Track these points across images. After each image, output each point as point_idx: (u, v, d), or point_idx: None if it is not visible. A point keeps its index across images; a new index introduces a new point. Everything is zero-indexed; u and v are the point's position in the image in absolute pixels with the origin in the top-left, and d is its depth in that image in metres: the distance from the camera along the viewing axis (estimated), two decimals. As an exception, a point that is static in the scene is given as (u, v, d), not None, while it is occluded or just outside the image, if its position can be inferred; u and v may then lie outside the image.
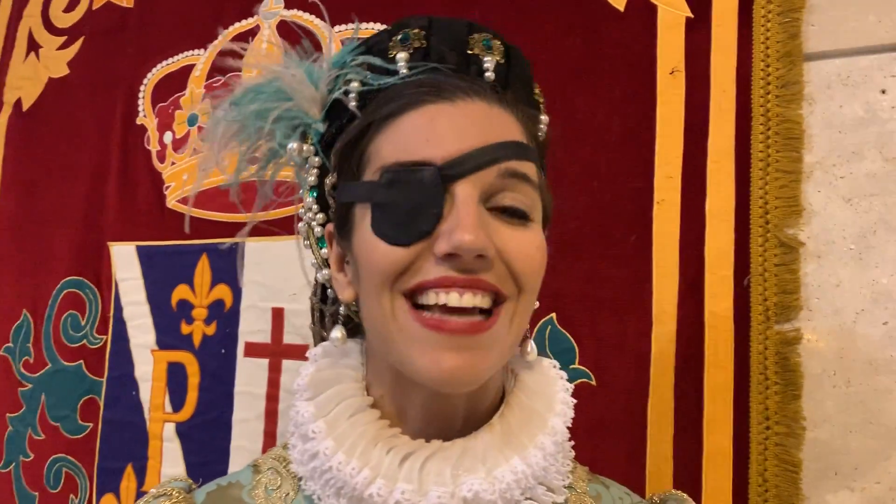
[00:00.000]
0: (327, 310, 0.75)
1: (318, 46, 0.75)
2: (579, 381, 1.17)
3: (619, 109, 1.21)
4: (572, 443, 0.72)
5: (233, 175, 0.75)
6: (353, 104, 0.67)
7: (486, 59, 0.68)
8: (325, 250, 0.71)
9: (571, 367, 1.18)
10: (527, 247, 0.63)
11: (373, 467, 0.61)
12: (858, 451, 1.05)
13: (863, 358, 1.07)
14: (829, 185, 1.11)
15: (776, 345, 1.07)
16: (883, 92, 1.10)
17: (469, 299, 0.59)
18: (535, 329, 1.20)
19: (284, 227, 0.87)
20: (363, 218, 0.64)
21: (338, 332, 0.69)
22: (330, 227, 0.71)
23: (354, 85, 0.68)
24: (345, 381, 0.68)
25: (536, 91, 0.75)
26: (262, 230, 1.44)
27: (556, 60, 1.26)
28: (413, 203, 0.60)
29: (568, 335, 1.19)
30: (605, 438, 1.14)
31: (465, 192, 0.60)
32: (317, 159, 0.70)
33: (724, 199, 1.13)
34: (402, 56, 0.67)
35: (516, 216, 0.63)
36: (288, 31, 1.51)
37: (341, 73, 0.69)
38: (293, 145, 0.70)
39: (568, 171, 1.22)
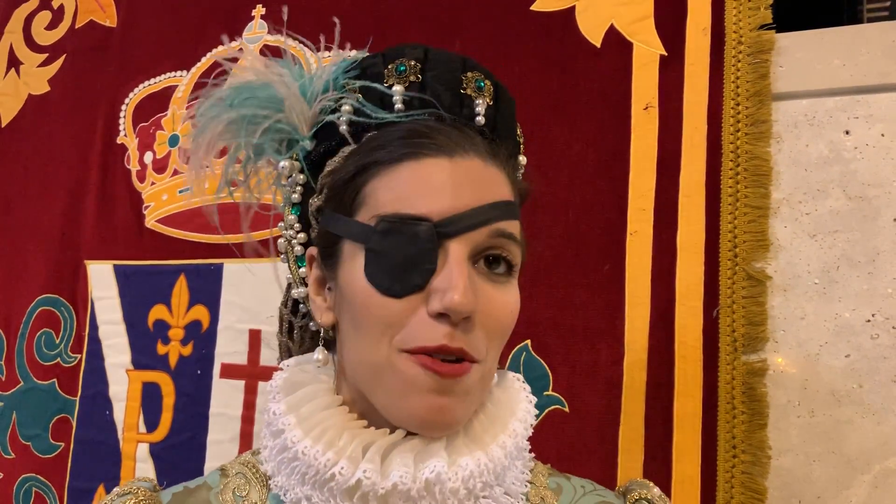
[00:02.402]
0: (297, 322, 0.77)
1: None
2: (553, 407, 1.19)
3: (595, 142, 1.24)
4: (533, 454, 0.75)
5: (216, 191, 0.76)
6: (344, 128, 0.69)
7: (477, 101, 0.69)
8: (303, 269, 0.73)
9: (545, 393, 1.20)
10: (503, 310, 0.66)
11: (337, 451, 0.63)
12: (821, 480, 1.08)
13: (826, 389, 1.10)
14: (795, 220, 1.15)
15: (743, 375, 1.10)
16: (847, 133, 1.15)
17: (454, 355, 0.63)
18: (510, 355, 1.22)
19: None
20: (353, 256, 0.65)
21: (319, 355, 0.71)
22: (312, 249, 0.72)
23: (347, 108, 0.69)
24: (315, 383, 0.70)
25: (519, 132, 0.77)
26: (241, 252, 1.46)
27: (534, 93, 1.29)
28: (407, 255, 0.62)
29: (542, 362, 1.21)
30: (576, 464, 1.16)
31: (457, 251, 0.63)
32: (302, 177, 0.72)
33: (695, 232, 1.16)
34: (398, 89, 0.68)
35: (501, 272, 0.66)
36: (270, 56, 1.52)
37: (339, 96, 0.70)
38: (285, 163, 0.71)
39: (543, 202, 1.24)
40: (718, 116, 1.18)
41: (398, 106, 0.68)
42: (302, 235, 0.73)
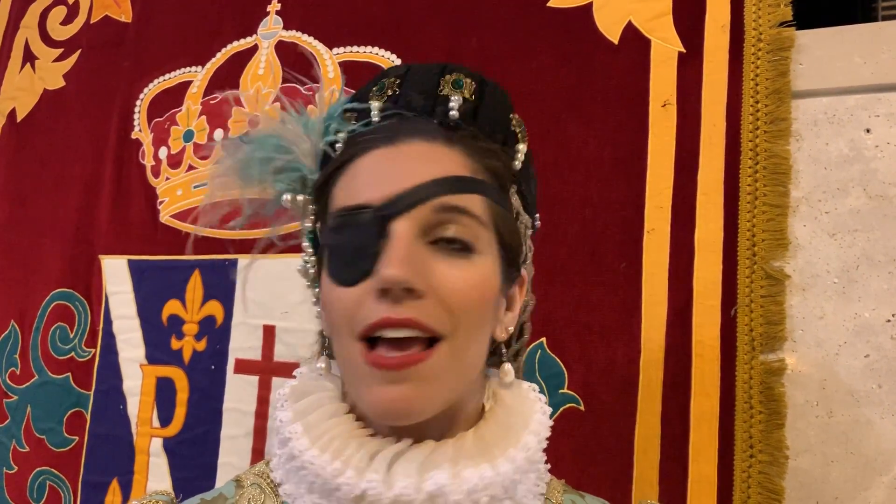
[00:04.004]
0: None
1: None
2: (568, 405, 1.19)
3: (612, 140, 1.24)
4: (548, 466, 0.73)
5: (239, 218, 0.77)
6: (334, 154, 0.71)
7: (452, 98, 0.70)
8: (318, 290, 0.74)
9: (560, 391, 1.20)
10: (462, 283, 0.64)
11: (344, 460, 0.63)
12: (839, 481, 1.08)
13: (844, 389, 1.09)
14: (814, 219, 1.14)
15: (761, 374, 1.10)
16: (867, 131, 1.14)
17: (406, 332, 0.62)
18: (526, 353, 1.21)
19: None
20: (326, 262, 0.68)
21: (322, 363, 0.73)
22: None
23: (342, 135, 0.71)
24: (322, 391, 0.71)
25: (514, 122, 0.75)
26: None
27: (551, 90, 1.28)
28: (356, 244, 0.64)
29: (557, 360, 1.21)
30: (591, 463, 1.16)
31: (400, 230, 0.63)
32: (312, 207, 0.74)
33: (713, 230, 1.15)
34: (376, 105, 0.71)
35: (458, 248, 0.65)
36: (286, 52, 1.52)
37: (329, 125, 0.73)
38: (287, 197, 0.73)
39: (560, 199, 1.24)
40: (737, 114, 1.17)
41: (375, 118, 0.70)
42: (313, 259, 0.74)
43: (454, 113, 0.69)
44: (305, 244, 0.75)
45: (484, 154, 0.70)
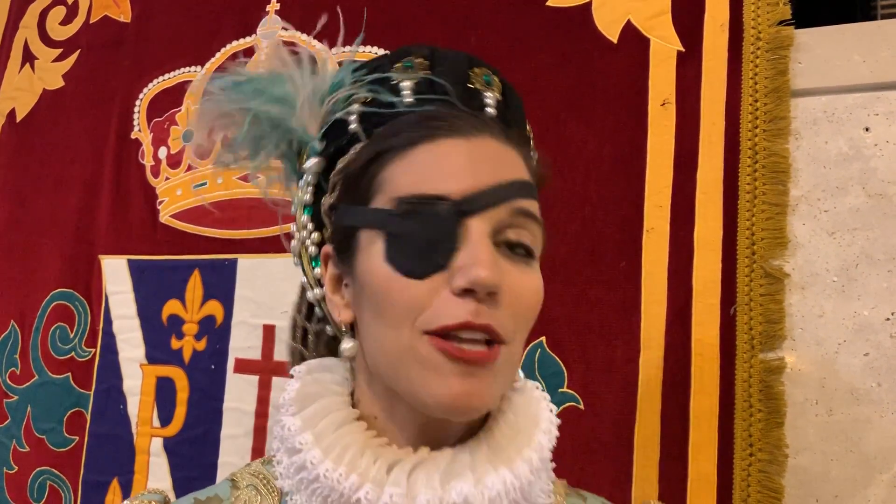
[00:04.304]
0: (311, 328, 0.76)
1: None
2: (568, 404, 1.19)
3: (611, 139, 1.24)
4: (553, 464, 0.72)
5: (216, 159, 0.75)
6: (354, 126, 0.68)
7: (486, 94, 0.69)
8: (317, 270, 0.72)
9: (560, 390, 1.20)
10: (528, 291, 0.64)
11: (360, 474, 0.61)
12: (839, 479, 1.08)
13: (844, 387, 1.09)
14: (813, 218, 1.14)
15: (761, 373, 1.10)
16: (866, 129, 1.14)
17: (480, 335, 0.61)
18: (525, 352, 1.21)
19: (276, 244, 0.88)
20: (371, 244, 0.64)
21: (347, 344, 0.69)
22: (327, 247, 0.71)
23: (356, 107, 0.69)
24: (330, 395, 0.68)
25: (528, 128, 0.76)
26: (255, 247, 1.46)
27: (550, 89, 1.28)
28: (429, 236, 0.61)
29: (557, 359, 1.21)
30: (591, 461, 1.16)
31: (478, 228, 0.62)
32: (313, 178, 0.71)
33: (713, 229, 1.15)
34: (406, 84, 0.68)
35: (522, 253, 0.65)
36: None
37: (348, 94, 0.69)
38: (310, 163, 0.70)
39: (560, 198, 1.24)
40: (736, 113, 1.17)
41: (408, 99, 0.68)
42: (316, 235, 0.72)
43: (490, 111, 0.68)
44: (304, 217, 0.72)
45: (529, 157, 0.70)
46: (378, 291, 0.63)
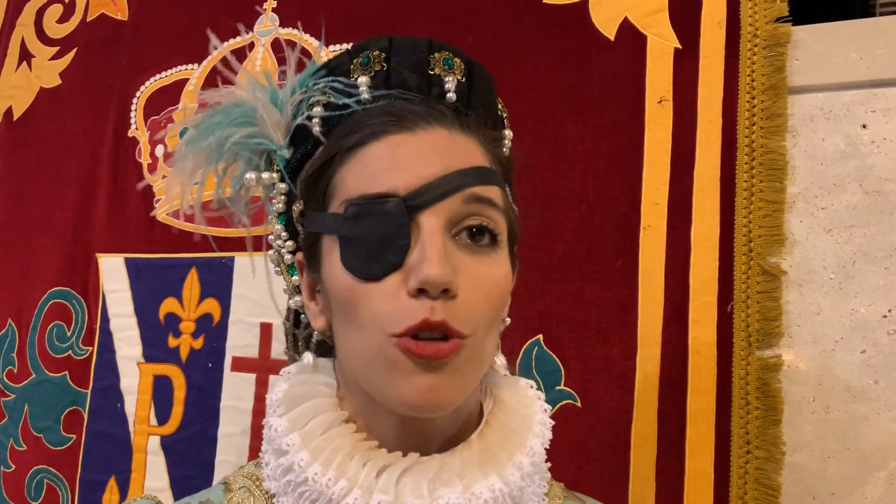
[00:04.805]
0: (300, 334, 0.75)
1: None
2: (565, 402, 1.19)
3: (608, 136, 1.24)
4: (549, 465, 0.72)
5: (214, 197, 0.74)
6: (317, 129, 0.68)
7: (447, 79, 0.68)
8: (296, 277, 0.71)
9: (557, 388, 1.20)
10: (487, 282, 0.63)
11: (349, 478, 0.61)
12: (836, 477, 1.08)
13: (841, 385, 1.09)
14: (810, 215, 1.14)
15: (757, 370, 1.10)
16: (864, 126, 1.13)
17: (438, 335, 0.60)
18: (522, 350, 1.21)
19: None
20: (331, 250, 0.64)
21: (308, 358, 0.70)
22: (300, 255, 0.71)
23: (318, 110, 0.68)
24: (318, 396, 0.68)
25: (500, 106, 0.75)
26: (252, 245, 1.46)
27: (547, 87, 1.28)
28: (380, 236, 0.61)
29: (554, 357, 1.21)
30: (588, 459, 1.16)
31: (430, 223, 0.61)
32: (283, 186, 0.70)
33: (710, 226, 1.15)
34: (363, 80, 0.67)
35: (485, 241, 0.63)
36: (282, 49, 1.52)
37: (304, 98, 0.69)
38: (250, 175, 0.70)
39: (556, 195, 1.24)
40: (733, 110, 1.17)
41: (365, 96, 0.67)
42: (290, 243, 0.71)
43: (451, 95, 0.67)
44: (277, 227, 0.71)
45: (491, 142, 0.69)
46: (341, 298, 0.63)
